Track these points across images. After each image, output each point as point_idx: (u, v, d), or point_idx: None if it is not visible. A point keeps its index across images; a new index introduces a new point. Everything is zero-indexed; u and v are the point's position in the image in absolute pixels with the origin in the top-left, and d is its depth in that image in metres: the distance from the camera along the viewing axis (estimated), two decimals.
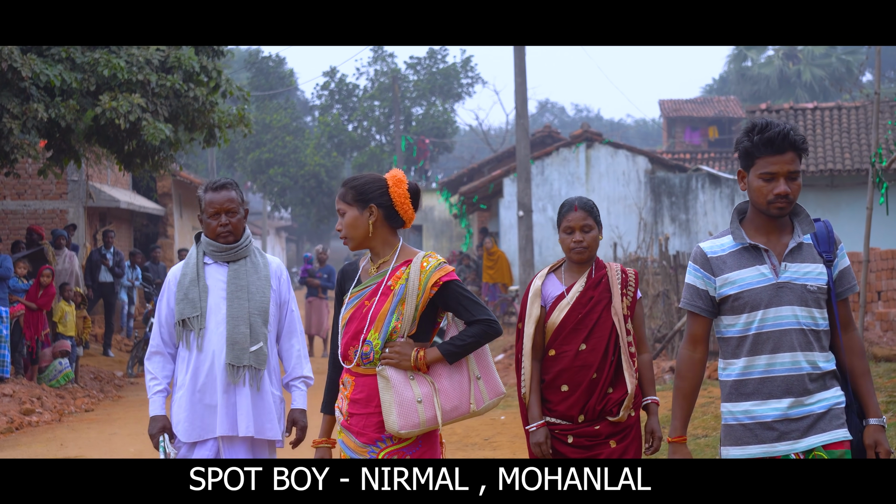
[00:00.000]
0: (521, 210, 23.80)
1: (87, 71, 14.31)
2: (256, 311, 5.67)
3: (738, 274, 4.48)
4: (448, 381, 4.91)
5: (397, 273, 4.92)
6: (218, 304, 5.66)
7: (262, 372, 5.67)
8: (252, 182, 54.19)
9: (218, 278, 5.71)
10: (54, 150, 15.45)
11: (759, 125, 4.46)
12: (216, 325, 5.64)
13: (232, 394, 5.60)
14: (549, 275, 5.73)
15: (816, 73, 56.56)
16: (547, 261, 29.46)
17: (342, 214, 4.98)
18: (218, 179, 5.74)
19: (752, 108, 29.61)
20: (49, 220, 21.98)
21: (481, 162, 41.04)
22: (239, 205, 5.72)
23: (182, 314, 5.64)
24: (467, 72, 52.94)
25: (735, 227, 4.57)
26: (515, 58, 23.62)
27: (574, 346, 5.52)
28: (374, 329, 4.87)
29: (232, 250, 5.71)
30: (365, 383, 4.91)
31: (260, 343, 5.65)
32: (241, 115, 16.82)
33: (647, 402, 5.63)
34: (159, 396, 5.66)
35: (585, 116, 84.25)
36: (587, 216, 5.59)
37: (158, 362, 5.71)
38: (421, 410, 4.80)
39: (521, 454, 10.35)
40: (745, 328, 4.47)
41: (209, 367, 5.60)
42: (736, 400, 4.48)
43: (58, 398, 14.83)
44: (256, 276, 5.74)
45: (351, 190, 4.97)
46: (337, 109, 53.62)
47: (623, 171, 30.05)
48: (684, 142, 51.10)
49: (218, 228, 5.67)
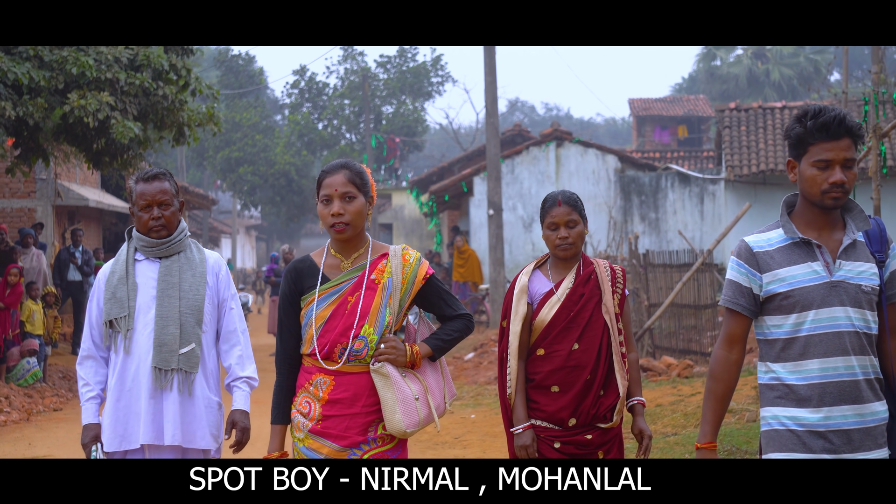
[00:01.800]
0: (492, 209, 23.83)
1: (55, 69, 14.23)
2: (189, 310, 5.30)
3: (789, 271, 4.18)
4: (432, 378, 4.81)
5: (379, 266, 4.73)
6: (147, 304, 5.29)
7: (194, 375, 5.28)
8: (222, 181, 54.02)
9: (149, 276, 5.35)
10: (22, 149, 15.36)
11: (812, 110, 4.14)
12: (144, 326, 5.27)
13: (159, 399, 5.22)
14: (534, 271, 5.48)
15: (785, 72, 56.86)
16: (517, 259, 29.53)
17: (350, 199, 4.67)
18: (150, 169, 5.38)
19: (722, 107, 29.74)
20: (17, 219, 21.84)
21: (452, 160, 41.07)
22: (173, 196, 5.37)
23: (109, 314, 5.29)
24: (437, 70, 52.93)
25: (785, 221, 4.25)
26: (486, 57, 23.66)
27: (567, 346, 5.29)
28: (369, 324, 4.64)
29: (164, 245, 5.35)
30: (350, 382, 4.65)
31: (191, 345, 5.27)
32: (211, 113, 16.76)
33: (633, 402, 5.41)
34: (92, 403, 5.31)
35: (555, 115, 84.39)
36: (572, 211, 5.33)
37: (90, 367, 5.36)
38: (419, 408, 4.66)
39: (492, 453, 10.37)
40: (795, 329, 4.17)
41: (135, 371, 5.24)
42: (784, 405, 4.17)
43: (26, 397, 14.75)
44: (191, 272, 5.36)
45: (359, 175, 4.72)
46: (307, 108, 53.52)
47: (593, 169, 30.14)
48: (654, 141, 51.27)
49: (150, 222, 5.31)
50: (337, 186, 4.66)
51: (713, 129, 45.21)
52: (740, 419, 10.35)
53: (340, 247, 4.78)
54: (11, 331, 15.72)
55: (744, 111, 28.55)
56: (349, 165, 4.72)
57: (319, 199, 4.73)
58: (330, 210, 4.67)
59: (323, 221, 4.73)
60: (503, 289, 23.88)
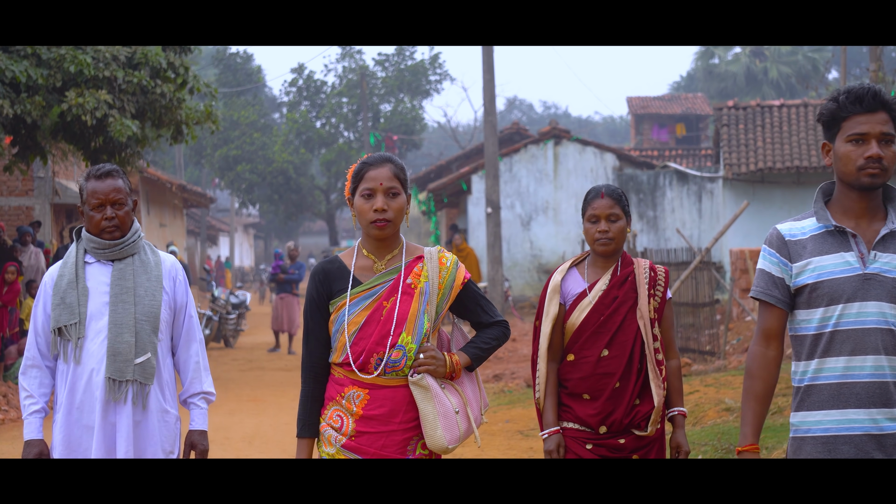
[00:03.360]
0: (490, 207, 23.83)
1: (53, 67, 14.21)
2: (144, 316, 4.89)
3: (819, 260, 3.88)
4: (469, 389, 4.49)
5: (415, 269, 4.41)
6: (100, 310, 4.89)
7: (150, 387, 4.89)
8: (220, 179, 54.00)
9: (101, 280, 4.95)
10: (20, 147, 15.35)
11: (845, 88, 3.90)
12: (96, 334, 4.87)
13: (112, 413, 4.84)
14: (570, 269, 5.18)
15: (783, 70, 56.91)
16: (515, 258, 29.55)
17: (394, 195, 4.35)
18: (102, 166, 5.01)
19: (720, 106, 29.74)
20: (15, 217, 21.83)
21: (450, 159, 41.11)
22: (127, 195, 4.97)
23: (58, 321, 4.87)
24: (435, 69, 52.90)
25: (819, 207, 3.95)
26: (484, 56, 23.66)
27: (596, 352, 5.00)
28: (406, 332, 4.31)
29: (117, 247, 4.95)
30: (386, 396, 4.31)
31: (147, 354, 4.87)
32: (209, 111, 16.74)
33: (673, 413, 5.09)
34: (35, 417, 4.92)
35: (553, 113, 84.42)
36: (614, 204, 5.03)
37: (35, 377, 4.94)
38: (459, 422, 4.33)
39: (490, 452, 10.36)
40: (822, 324, 3.88)
41: (87, 383, 4.85)
42: (808, 409, 3.91)
43: None
44: (146, 276, 4.97)
45: (402, 171, 4.42)
46: (305, 106, 53.48)
47: (591, 167, 30.15)
48: (652, 139, 51.29)
49: (102, 222, 4.91)
50: (382, 180, 4.33)
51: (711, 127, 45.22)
52: (738, 417, 10.34)
53: (375, 247, 4.45)
54: (9, 329, 15.72)
55: (742, 109, 28.54)
56: (393, 160, 4.41)
57: (359, 193, 4.37)
58: (372, 205, 4.33)
59: (361, 217, 4.38)
60: (501, 287, 23.89)
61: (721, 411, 10.62)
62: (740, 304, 18.80)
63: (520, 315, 25.60)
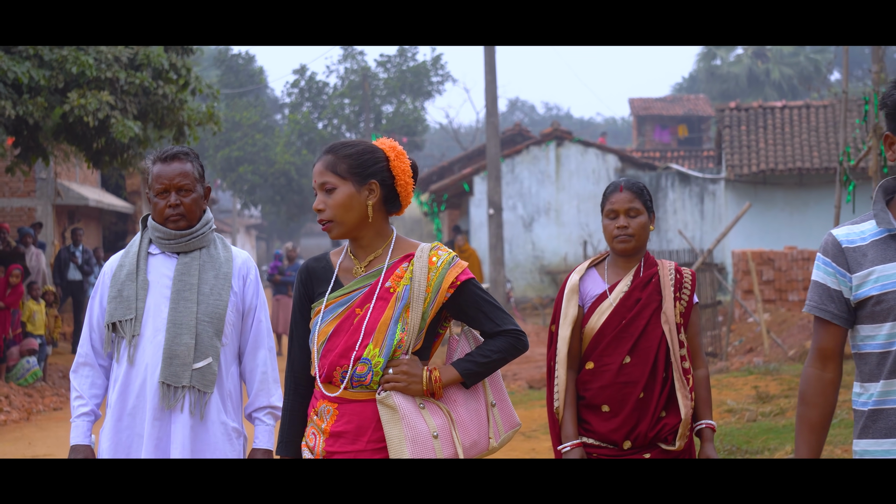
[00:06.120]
0: (492, 208, 23.83)
1: (55, 68, 14.22)
2: (207, 317, 4.43)
3: (883, 269, 3.32)
4: (465, 409, 3.87)
5: (397, 271, 3.83)
6: (159, 306, 4.44)
7: (209, 396, 4.42)
8: (222, 180, 54.02)
9: (163, 273, 4.49)
10: (22, 148, 15.36)
11: None
12: (153, 333, 4.43)
13: (166, 421, 4.38)
14: (589, 269, 4.79)
15: (785, 71, 56.88)
16: (517, 259, 29.56)
17: (329, 190, 3.82)
18: (170, 148, 4.55)
19: (722, 107, 29.76)
20: (17, 218, 21.83)
21: (452, 160, 41.14)
22: (195, 181, 4.50)
23: (113, 316, 4.43)
24: (437, 70, 52.92)
25: (880, 209, 3.41)
26: (486, 56, 23.66)
27: (618, 359, 4.58)
28: (374, 343, 3.77)
29: (183, 239, 4.49)
30: (354, 412, 3.80)
31: (208, 359, 4.41)
32: (211, 112, 16.76)
33: (700, 426, 4.65)
34: (84, 420, 4.47)
35: (555, 115, 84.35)
36: (634, 198, 4.66)
37: (86, 376, 4.51)
38: (438, 447, 3.74)
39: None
40: (889, 341, 3.33)
41: (140, 386, 4.41)
42: (874, 436, 3.39)
43: (26, 397, 14.75)
44: (213, 272, 4.50)
45: (345, 159, 3.84)
46: (307, 107, 53.51)
47: (593, 169, 30.17)
48: (654, 140, 51.28)
49: (166, 210, 4.45)
50: (316, 176, 3.87)
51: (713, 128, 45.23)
52: (740, 419, 10.35)
53: (353, 246, 3.93)
54: (12, 330, 15.73)
55: (744, 111, 28.57)
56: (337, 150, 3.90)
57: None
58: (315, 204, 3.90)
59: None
60: (503, 288, 23.89)
61: (723, 413, 10.61)
62: (742, 305, 18.79)
63: (521, 316, 25.61)
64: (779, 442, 8.82)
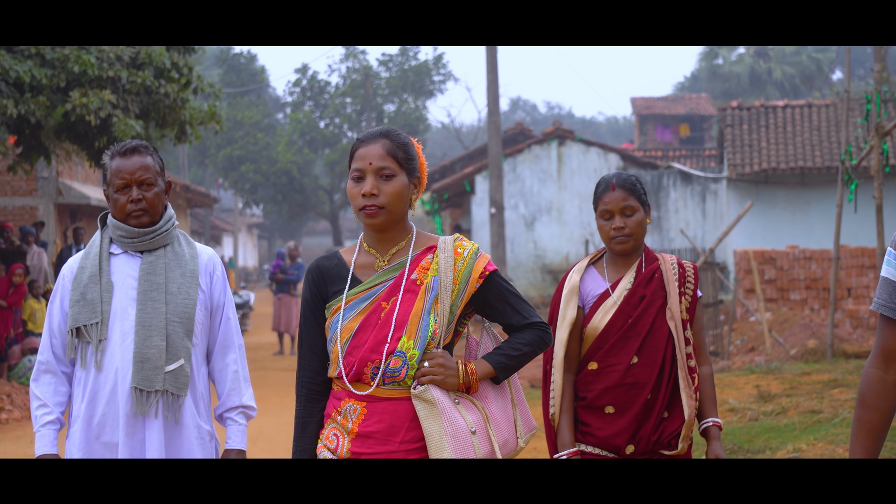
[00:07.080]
0: (494, 207, 23.83)
1: (57, 67, 14.22)
2: (177, 317, 4.25)
3: None
4: (496, 406, 3.74)
5: (422, 262, 3.70)
6: (125, 308, 4.24)
7: (183, 399, 4.25)
8: (224, 179, 54.00)
9: (127, 273, 4.28)
10: (24, 147, 15.38)
11: None
12: (121, 337, 4.22)
13: (140, 428, 4.20)
14: (588, 268, 4.60)
15: (787, 70, 56.87)
16: (519, 258, 29.55)
17: (388, 177, 3.66)
18: (128, 142, 4.35)
19: (724, 106, 29.75)
20: (19, 217, 21.84)
21: (453, 159, 41.11)
22: (157, 175, 4.30)
23: (77, 320, 4.21)
24: (439, 69, 52.89)
25: None
26: (487, 56, 23.67)
27: (625, 360, 4.42)
28: (407, 335, 3.61)
29: (148, 236, 4.29)
30: (385, 410, 3.63)
31: (180, 360, 4.24)
32: (213, 111, 16.76)
33: (706, 424, 4.50)
34: (48, 429, 4.23)
35: (557, 114, 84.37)
36: (628, 196, 4.46)
37: (49, 384, 4.26)
38: (476, 444, 3.59)
39: None
40: None
41: (110, 392, 4.20)
42: None
43: (28, 395, 14.74)
44: (180, 270, 4.31)
45: (402, 147, 3.72)
46: (309, 106, 53.49)
47: (595, 168, 30.15)
48: (656, 139, 51.27)
49: (128, 205, 4.24)
50: (372, 159, 3.67)
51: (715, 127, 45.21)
52: (742, 418, 10.34)
53: (375, 240, 3.77)
54: (14, 329, 15.74)
55: (746, 110, 28.55)
56: (391, 134, 3.74)
57: (350, 176, 3.74)
58: (361, 189, 3.68)
59: (352, 204, 3.73)
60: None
61: (725, 412, 10.60)
62: (744, 304, 18.78)
63: None
64: (780, 441, 8.81)
